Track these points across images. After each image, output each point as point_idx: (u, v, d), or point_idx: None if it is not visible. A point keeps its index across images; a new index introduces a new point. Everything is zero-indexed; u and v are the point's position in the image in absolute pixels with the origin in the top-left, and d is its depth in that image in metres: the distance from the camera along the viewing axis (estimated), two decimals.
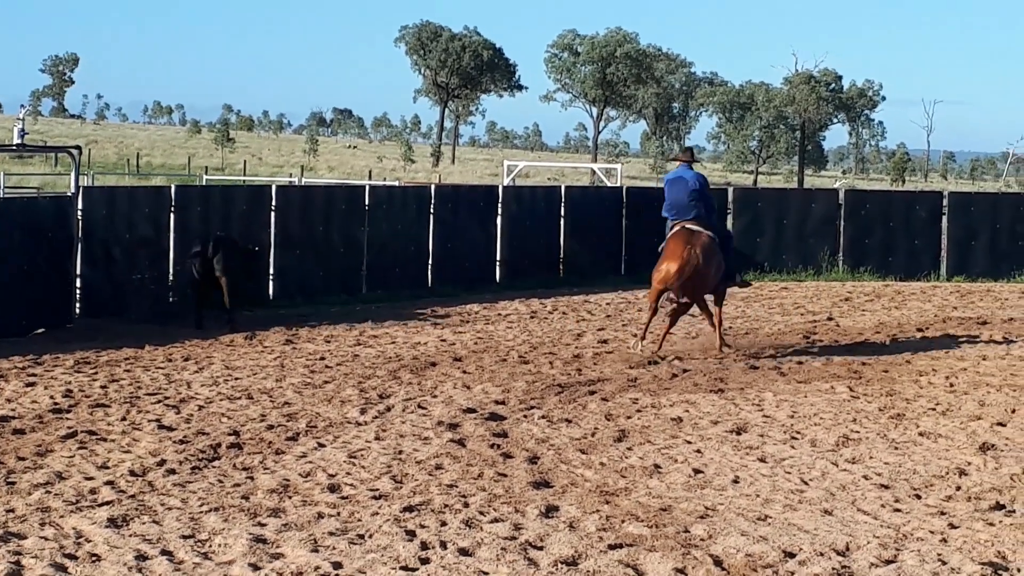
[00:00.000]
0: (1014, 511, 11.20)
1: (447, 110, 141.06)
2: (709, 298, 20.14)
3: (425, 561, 9.55)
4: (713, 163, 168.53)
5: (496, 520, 10.63)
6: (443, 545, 9.91)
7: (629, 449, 13.41)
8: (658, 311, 19.96)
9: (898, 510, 11.18)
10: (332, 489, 11.57)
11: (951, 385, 17.28)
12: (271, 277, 25.15)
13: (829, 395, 16.52)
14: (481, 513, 10.82)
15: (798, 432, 14.29)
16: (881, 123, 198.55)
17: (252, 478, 11.95)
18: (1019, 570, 9.56)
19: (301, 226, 25.77)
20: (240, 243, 22.68)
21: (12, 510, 10.69)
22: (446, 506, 11.02)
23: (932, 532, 10.48)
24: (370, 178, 66.01)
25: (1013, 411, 15.56)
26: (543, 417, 14.92)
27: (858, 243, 32.31)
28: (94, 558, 9.51)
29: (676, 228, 19.57)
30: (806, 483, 12.10)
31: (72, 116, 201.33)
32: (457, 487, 11.70)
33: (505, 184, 35.36)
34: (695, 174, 20.01)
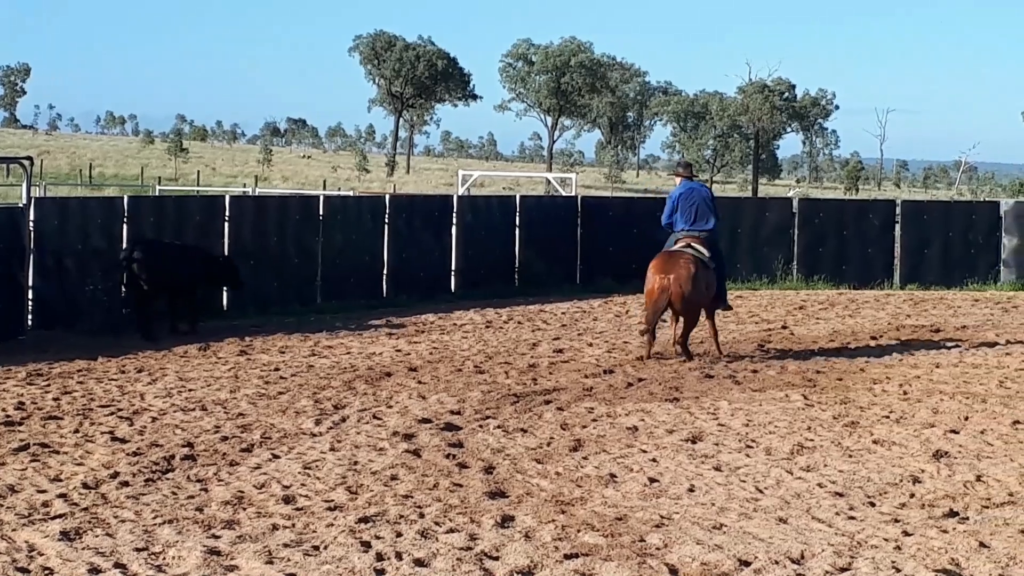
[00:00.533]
0: (967, 518, 11.25)
1: (402, 119, 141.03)
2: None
3: (380, 572, 9.52)
4: (668, 172, 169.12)
5: (452, 530, 10.60)
6: (398, 556, 9.88)
7: (585, 458, 13.41)
8: (655, 331, 20.12)
9: (852, 518, 11.21)
10: (287, 500, 11.52)
11: (905, 393, 17.35)
12: (224, 288, 25.02)
13: (784, 403, 16.56)
14: (437, 524, 10.80)
15: (753, 440, 14.32)
16: (835, 132, 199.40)
17: (206, 490, 11.89)
18: None
19: (255, 236, 25.67)
20: (188, 248, 22.69)
21: None
22: (401, 517, 10.99)
23: (886, 539, 10.52)
24: (324, 188, 65.97)
25: (966, 418, 15.63)
26: (499, 427, 14.90)
27: (812, 252, 32.45)
28: (47, 571, 9.44)
29: (679, 245, 19.86)
30: (761, 491, 12.12)
31: (24, 126, 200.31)
32: (412, 498, 11.67)
33: (460, 194, 35.34)
34: (704, 186, 20.78)
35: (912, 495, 12.03)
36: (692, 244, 19.69)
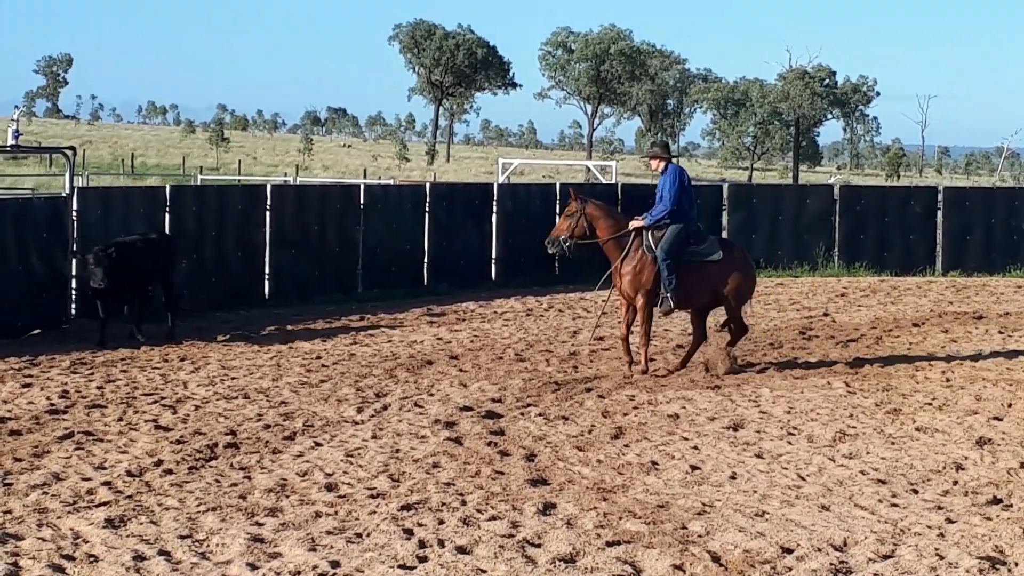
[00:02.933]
0: (1011, 505, 11.21)
1: (441, 108, 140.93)
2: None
3: (423, 559, 9.55)
4: (708, 160, 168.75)
5: (494, 518, 10.63)
6: (441, 543, 9.91)
7: (626, 446, 13.41)
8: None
9: (895, 505, 11.19)
10: (329, 488, 11.56)
11: (947, 380, 17.29)
12: (266, 276, 25.11)
13: (825, 390, 16.52)
14: (479, 511, 10.82)
15: (795, 428, 14.30)
16: (876, 118, 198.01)
17: (249, 478, 11.95)
18: (1016, 564, 9.57)
19: (296, 225, 25.73)
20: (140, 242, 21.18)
21: (9, 511, 10.69)
22: (443, 504, 11.02)
23: (929, 527, 10.49)
24: (365, 177, 65.97)
25: (1009, 405, 15.57)
26: (540, 415, 14.92)
27: (853, 238, 32.32)
28: (92, 559, 9.51)
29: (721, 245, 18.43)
30: (803, 479, 12.10)
31: (66, 117, 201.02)
32: (454, 485, 11.69)
33: (500, 182, 35.32)
34: (683, 169, 18.54)
35: (955, 482, 11.99)
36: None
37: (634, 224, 18.07)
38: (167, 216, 23.54)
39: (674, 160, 18.67)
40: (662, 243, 17.79)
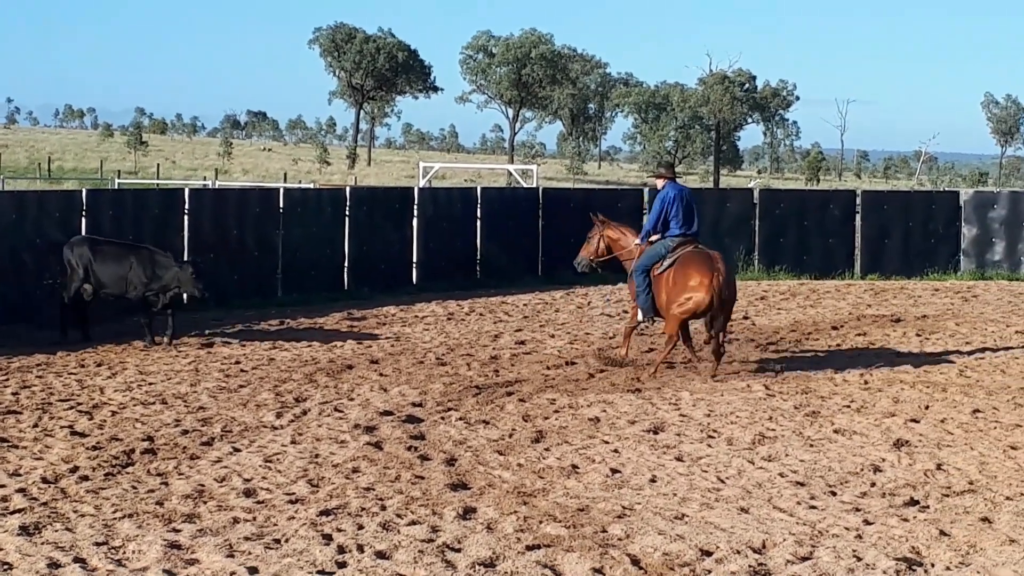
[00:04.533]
0: (928, 507, 11.30)
1: (362, 112, 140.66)
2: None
3: (342, 565, 9.50)
4: (629, 164, 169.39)
5: (413, 523, 10.59)
6: (360, 548, 9.86)
7: (547, 450, 13.40)
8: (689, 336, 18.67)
9: (813, 507, 11.25)
10: (248, 494, 11.48)
11: (865, 383, 17.41)
12: None
13: (745, 393, 16.60)
14: (398, 516, 10.78)
15: (715, 431, 14.35)
16: (795, 123, 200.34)
17: (167, 484, 11.84)
18: (933, 565, 9.64)
19: (215, 230, 25.54)
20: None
21: None
22: (363, 509, 10.96)
23: (847, 528, 10.55)
24: (285, 181, 65.75)
25: (926, 407, 15.70)
26: (460, 419, 14.89)
27: (773, 242, 32.54)
28: (5, 566, 9.38)
29: (690, 248, 18.15)
30: (723, 481, 12.14)
31: None
32: (374, 490, 11.64)
33: (421, 186, 35.31)
34: (686, 187, 19.23)
35: (873, 484, 12.07)
36: (697, 246, 18.37)
37: (634, 243, 18.92)
38: (83, 220, 23.28)
39: (677, 179, 19.21)
40: (637, 259, 18.61)
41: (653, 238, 18.51)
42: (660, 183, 18.87)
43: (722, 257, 18.21)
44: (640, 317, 18.66)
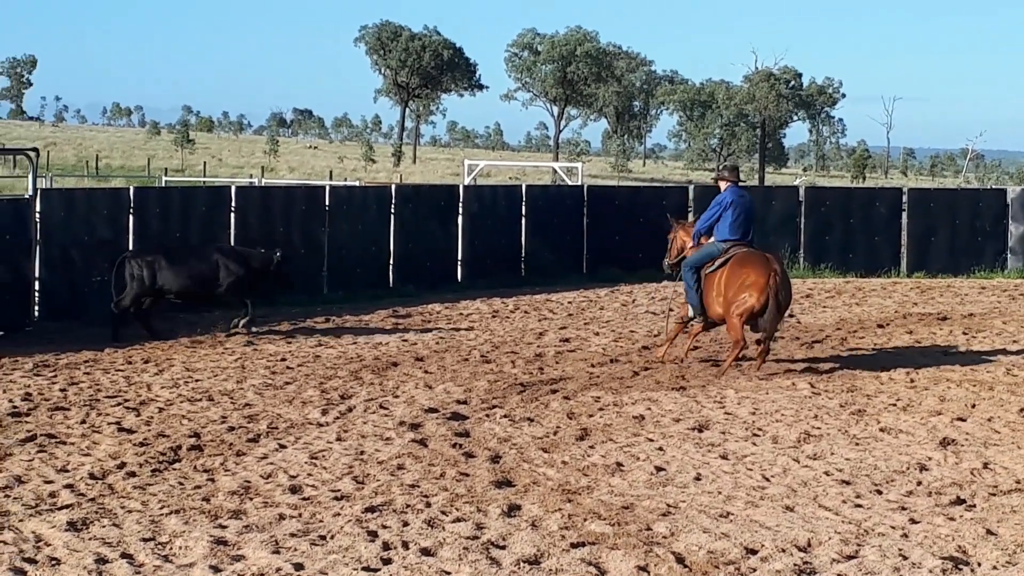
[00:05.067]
0: (974, 506, 11.25)
1: (408, 110, 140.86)
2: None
3: (387, 561, 9.53)
4: (674, 161, 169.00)
5: (458, 520, 10.61)
6: (405, 545, 9.88)
7: (591, 447, 13.41)
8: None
9: (859, 505, 11.21)
10: (293, 490, 11.53)
11: (911, 381, 17.34)
12: None
13: (790, 391, 16.55)
14: (443, 513, 10.80)
15: (760, 429, 14.32)
16: (841, 120, 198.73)
17: (213, 480, 11.90)
18: (979, 564, 9.60)
19: (261, 227, 25.63)
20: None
21: None
22: (408, 506, 10.99)
23: (893, 527, 10.52)
24: (331, 178, 65.87)
25: (973, 406, 15.63)
26: (505, 416, 14.91)
27: (818, 240, 32.42)
28: (54, 562, 9.45)
29: (745, 250, 18.10)
30: (768, 480, 12.12)
31: (30, 118, 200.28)
32: (419, 487, 11.67)
33: (466, 183, 35.32)
34: (750, 195, 19.09)
35: (919, 483, 12.02)
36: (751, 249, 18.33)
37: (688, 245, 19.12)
38: (131, 218, 23.44)
39: (740, 183, 18.93)
40: (688, 257, 18.78)
41: (704, 240, 18.55)
42: (723, 185, 18.75)
43: (779, 257, 18.22)
44: (690, 314, 18.67)
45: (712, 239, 18.43)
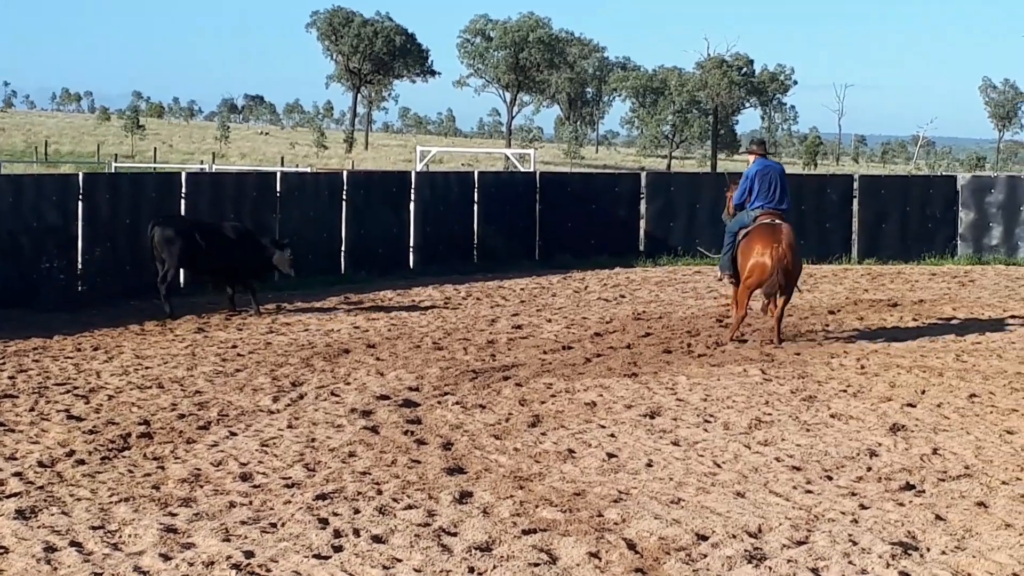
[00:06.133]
0: (923, 491, 11.31)
1: (360, 96, 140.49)
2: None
3: (338, 549, 9.50)
4: (627, 148, 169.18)
5: (410, 507, 10.59)
6: (356, 532, 9.86)
7: (543, 434, 13.41)
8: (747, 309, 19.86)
9: (809, 491, 11.25)
10: (244, 478, 11.48)
11: (862, 367, 17.41)
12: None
13: (742, 378, 16.60)
14: (394, 500, 10.78)
15: (711, 415, 14.35)
16: (793, 107, 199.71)
17: (163, 468, 11.84)
18: (928, 549, 9.65)
19: (212, 213, 25.48)
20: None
21: None
22: (359, 493, 10.97)
23: (843, 513, 10.56)
24: (282, 165, 65.64)
25: (923, 392, 15.71)
26: (457, 403, 14.89)
27: None
28: (1, 550, 9.38)
29: (765, 221, 19.20)
30: (719, 466, 12.15)
31: None
32: (370, 474, 11.64)
33: (418, 170, 35.28)
34: (778, 164, 20.44)
35: (869, 468, 12.07)
36: (776, 219, 19.27)
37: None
38: (80, 204, 23.28)
39: (771, 155, 20.55)
40: (728, 223, 20.12)
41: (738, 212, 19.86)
42: (751, 159, 20.00)
43: (790, 230, 19.10)
44: (717, 274, 20.48)
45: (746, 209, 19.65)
